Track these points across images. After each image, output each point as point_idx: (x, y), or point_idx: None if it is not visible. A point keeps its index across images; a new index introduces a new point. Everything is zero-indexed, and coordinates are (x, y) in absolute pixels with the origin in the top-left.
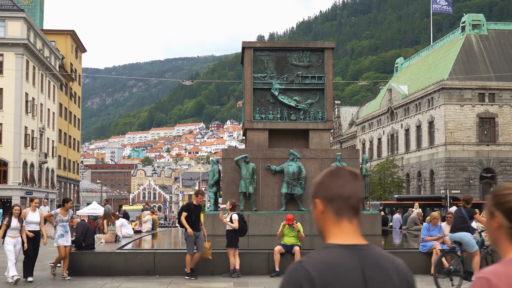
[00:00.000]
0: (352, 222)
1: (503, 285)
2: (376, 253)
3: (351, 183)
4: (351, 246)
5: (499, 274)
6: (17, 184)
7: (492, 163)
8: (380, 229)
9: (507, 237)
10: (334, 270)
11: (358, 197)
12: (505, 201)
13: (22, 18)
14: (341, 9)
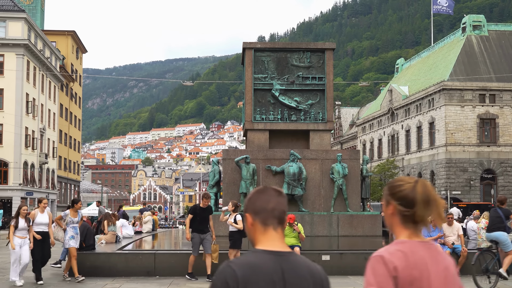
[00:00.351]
0: (277, 231)
1: (395, 259)
2: (295, 259)
3: (275, 198)
4: (274, 252)
5: (391, 252)
6: (18, 184)
7: (492, 164)
8: (380, 230)
9: (400, 221)
10: (257, 271)
11: (281, 209)
12: (398, 190)
13: (23, 19)
14: (341, 10)
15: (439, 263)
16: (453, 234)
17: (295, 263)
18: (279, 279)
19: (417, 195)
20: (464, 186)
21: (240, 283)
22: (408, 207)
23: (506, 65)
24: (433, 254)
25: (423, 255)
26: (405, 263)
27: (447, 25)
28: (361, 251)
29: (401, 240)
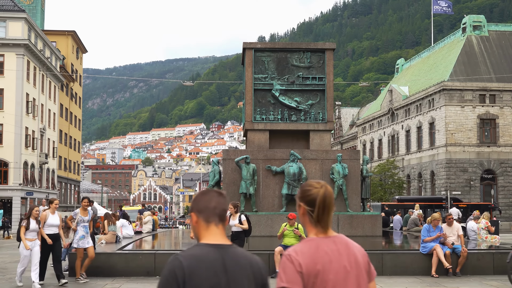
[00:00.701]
0: (218, 227)
1: (300, 258)
2: (235, 251)
3: (216, 198)
4: (216, 245)
5: (298, 250)
6: (18, 184)
7: (492, 164)
8: (380, 230)
9: (309, 221)
10: (200, 262)
11: (221, 208)
12: (306, 195)
13: (23, 19)
14: (342, 10)
15: (342, 255)
16: (453, 235)
17: (235, 255)
18: (220, 269)
19: (321, 199)
20: (464, 186)
21: (186, 273)
22: (313, 208)
23: (506, 66)
24: (337, 248)
25: (327, 250)
26: (309, 259)
27: (447, 25)
28: None
29: (309, 238)
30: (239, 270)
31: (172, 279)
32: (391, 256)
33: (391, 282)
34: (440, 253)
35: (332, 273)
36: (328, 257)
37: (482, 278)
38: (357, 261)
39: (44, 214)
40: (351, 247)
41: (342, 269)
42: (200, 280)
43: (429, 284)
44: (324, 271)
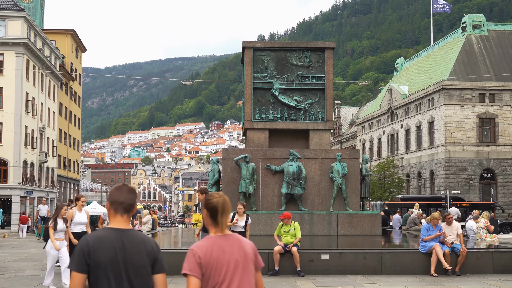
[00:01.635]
0: (123, 217)
1: (199, 252)
2: (133, 233)
3: (125, 195)
4: (117, 229)
5: (199, 246)
6: (17, 183)
7: (492, 163)
8: (380, 229)
9: (210, 222)
10: (102, 240)
11: (128, 203)
12: (208, 203)
13: (23, 18)
14: (341, 9)
15: (234, 249)
16: (452, 234)
17: (132, 236)
18: (119, 246)
19: (218, 207)
20: (464, 185)
21: (91, 249)
22: (212, 214)
23: (505, 65)
24: (231, 243)
25: (222, 245)
26: (207, 253)
27: (447, 24)
28: (360, 250)
29: (208, 236)
30: (135, 248)
31: (80, 253)
32: (390, 255)
33: (390, 281)
34: (439, 252)
35: (225, 264)
36: (222, 251)
37: (481, 277)
38: (246, 254)
39: (71, 212)
40: (242, 243)
41: (233, 260)
42: (101, 254)
43: (428, 283)
44: (218, 261)
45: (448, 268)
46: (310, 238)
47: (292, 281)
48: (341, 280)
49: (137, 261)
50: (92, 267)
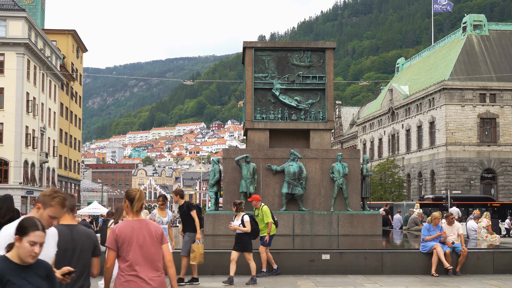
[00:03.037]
0: (70, 215)
1: (117, 230)
2: (78, 227)
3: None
4: (67, 224)
5: (118, 226)
6: (18, 183)
7: (493, 163)
8: (380, 229)
9: (130, 210)
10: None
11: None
12: (129, 194)
13: (23, 18)
14: (342, 9)
15: (143, 229)
16: (453, 234)
17: (78, 229)
18: (69, 237)
19: (136, 197)
20: (464, 185)
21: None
22: (131, 203)
23: (506, 65)
24: (141, 225)
25: (134, 226)
26: (122, 231)
27: (448, 24)
28: (361, 250)
29: (126, 219)
30: (81, 238)
31: None
32: (391, 255)
33: (391, 281)
34: (440, 252)
35: (134, 239)
36: (134, 229)
37: (482, 277)
38: (151, 233)
39: (152, 213)
40: (149, 225)
41: (141, 237)
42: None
43: (429, 283)
44: (130, 237)
45: (449, 268)
46: (311, 238)
47: (292, 281)
48: (342, 280)
49: (82, 247)
50: None
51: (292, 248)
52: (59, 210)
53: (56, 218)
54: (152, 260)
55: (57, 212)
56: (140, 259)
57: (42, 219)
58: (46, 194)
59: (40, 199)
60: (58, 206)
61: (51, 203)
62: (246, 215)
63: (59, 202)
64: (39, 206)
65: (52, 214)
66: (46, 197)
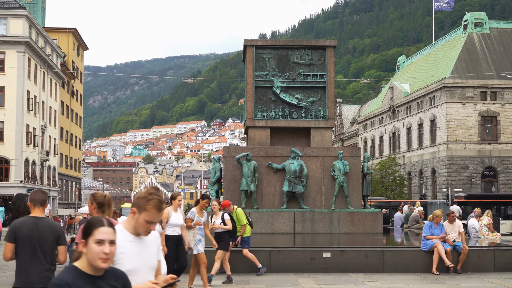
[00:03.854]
0: (39, 209)
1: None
2: (44, 219)
3: (39, 195)
4: (34, 216)
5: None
6: (19, 181)
7: (494, 161)
8: (381, 227)
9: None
10: (24, 223)
11: (42, 199)
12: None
13: (24, 16)
14: (343, 7)
15: None
16: (454, 232)
17: (44, 221)
18: (34, 227)
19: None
20: (465, 183)
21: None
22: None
23: (507, 63)
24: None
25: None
26: None
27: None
28: (361, 248)
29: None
30: (45, 229)
31: (11, 232)
32: (392, 253)
33: (391, 279)
34: (441, 250)
35: None
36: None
37: (483, 275)
38: None
39: (166, 212)
40: None
41: None
42: (23, 232)
43: (430, 281)
44: None
45: (450, 266)
46: (312, 236)
47: (293, 279)
48: (343, 278)
49: (46, 237)
50: (17, 240)
51: (293, 246)
52: (156, 214)
53: (153, 223)
54: None
55: (153, 216)
56: None
57: (138, 225)
58: (141, 196)
59: (134, 202)
60: (154, 210)
61: (146, 207)
62: (226, 213)
63: (154, 205)
64: (134, 211)
65: (148, 219)
66: (141, 200)
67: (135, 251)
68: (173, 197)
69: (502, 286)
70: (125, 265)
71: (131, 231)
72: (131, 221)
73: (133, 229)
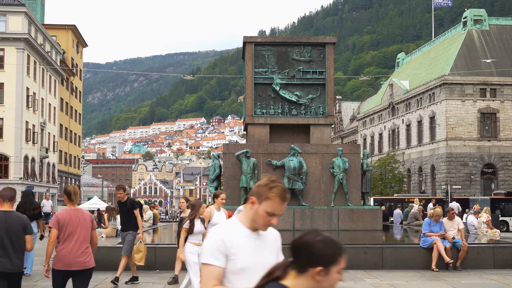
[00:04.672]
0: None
1: (59, 216)
2: (12, 213)
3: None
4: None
5: (60, 213)
6: (18, 178)
7: (493, 158)
8: (381, 224)
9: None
10: None
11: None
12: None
13: (23, 13)
14: (342, 4)
15: (78, 216)
16: (453, 229)
17: (12, 215)
18: (3, 220)
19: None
20: (465, 180)
21: None
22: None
23: (507, 60)
24: (76, 214)
25: (71, 213)
26: (62, 216)
27: (448, 19)
28: (361, 245)
29: (65, 208)
30: (14, 221)
31: None
32: (391, 250)
33: (391, 276)
34: (440, 247)
35: (71, 223)
36: (71, 216)
37: (482, 272)
38: (86, 220)
39: (208, 211)
40: (84, 214)
41: (77, 221)
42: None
43: (429, 278)
44: (69, 221)
45: (449, 263)
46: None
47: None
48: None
49: (14, 228)
50: None
51: None
52: (279, 205)
53: (275, 216)
54: (83, 239)
55: (276, 206)
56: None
57: (257, 217)
58: (261, 184)
59: (254, 191)
60: (277, 199)
61: (269, 195)
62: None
63: (278, 193)
64: (253, 200)
65: (270, 210)
66: (261, 188)
67: (251, 248)
68: (216, 195)
69: (502, 283)
70: (238, 263)
71: (248, 225)
72: (248, 213)
73: (251, 222)
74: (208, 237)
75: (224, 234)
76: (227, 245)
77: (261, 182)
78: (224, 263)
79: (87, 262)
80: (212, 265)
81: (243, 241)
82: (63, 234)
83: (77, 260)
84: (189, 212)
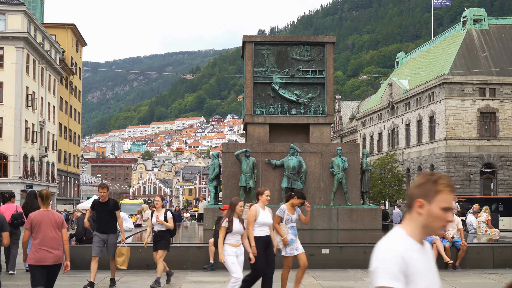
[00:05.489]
0: None
1: (32, 217)
2: None
3: None
4: None
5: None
6: (18, 177)
7: (492, 158)
8: (380, 224)
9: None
10: None
11: None
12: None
13: (23, 12)
14: (342, 3)
15: (49, 216)
16: (452, 228)
17: None
18: None
19: (44, 196)
20: (464, 180)
21: None
22: (42, 199)
23: (506, 59)
24: (47, 214)
25: (43, 214)
26: (35, 216)
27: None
28: (360, 244)
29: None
30: None
31: None
32: None
33: None
34: (440, 246)
35: (43, 222)
36: (43, 216)
37: (482, 272)
38: (56, 219)
39: (253, 210)
40: (55, 215)
41: (48, 221)
42: None
43: None
44: (40, 221)
45: (448, 263)
46: (311, 232)
47: (292, 275)
48: (342, 274)
49: None
50: None
51: None
52: (452, 196)
53: (450, 210)
54: (53, 238)
55: (450, 199)
56: (46, 237)
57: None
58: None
59: (414, 193)
60: (448, 189)
61: (438, 188)
62: (169, 211)
63: (447, 183)
64: (421, 204)
65: (446, 204)
66: (426, 185)
67: (425, 266)
68: (260, 192)
69: (501, 283)
70: (419, 285)
71: (417, 238)
72: (418, 220)
73: (419, 233)
74: (382, 254)
75: (401, 250)
76: (407, 263)
77: (419, 181)
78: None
79: (58, 257)
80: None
81: (417, 258)
82: (36, 233)
83: (49, 255)
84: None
